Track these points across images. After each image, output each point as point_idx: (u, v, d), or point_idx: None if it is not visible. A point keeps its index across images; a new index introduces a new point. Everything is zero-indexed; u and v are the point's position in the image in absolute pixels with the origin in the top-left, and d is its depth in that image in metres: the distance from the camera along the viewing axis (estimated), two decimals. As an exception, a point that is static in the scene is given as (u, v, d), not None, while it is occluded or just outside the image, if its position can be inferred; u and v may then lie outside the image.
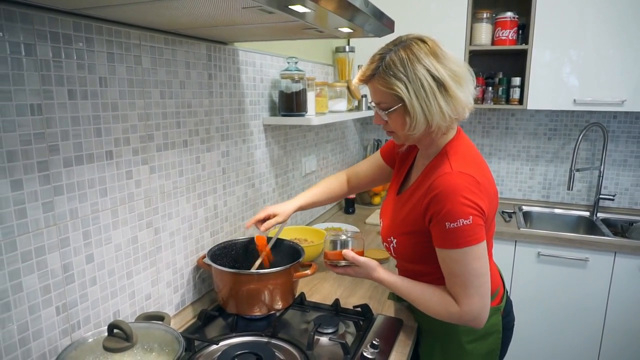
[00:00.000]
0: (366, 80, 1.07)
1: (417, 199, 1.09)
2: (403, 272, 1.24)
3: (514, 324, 1.29)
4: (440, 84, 0.99)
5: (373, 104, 1.10)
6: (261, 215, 1.32)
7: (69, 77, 0.90)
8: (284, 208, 1.35)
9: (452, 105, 1.01)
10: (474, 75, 1.08)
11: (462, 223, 0.98)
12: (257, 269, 1.30)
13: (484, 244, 1.02)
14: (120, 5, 0.82)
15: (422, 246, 1.09)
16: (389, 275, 1.16)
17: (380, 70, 1.02)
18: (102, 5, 0.83)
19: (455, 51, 2.35)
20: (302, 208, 1.41)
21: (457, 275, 1.03)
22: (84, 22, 0.92)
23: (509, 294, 1.30)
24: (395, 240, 1.17)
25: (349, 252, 1.17)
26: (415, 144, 1.18)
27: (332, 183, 1.49)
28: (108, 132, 1.00)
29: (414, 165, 1.24)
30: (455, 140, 1.11)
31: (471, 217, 0.98)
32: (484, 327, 1.13)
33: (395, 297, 1.41)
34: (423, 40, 1.02)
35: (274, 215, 1.33)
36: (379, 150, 1.44)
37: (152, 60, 1.11)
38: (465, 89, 1.03)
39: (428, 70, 0.99)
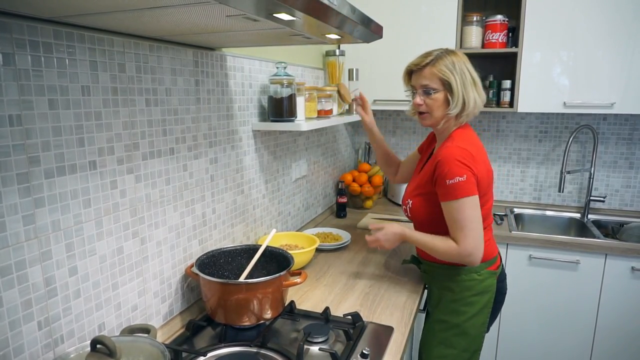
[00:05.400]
0: (423, 66, 1.37)
1: (428, 167, 1.41)
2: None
3: (506, 291, 1.56)
4: (475, 81, 1.38)
5: (414, 89, 1.42)
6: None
7: (49, 86, 0.88)
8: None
9: (480, 97, 1.38)
10: None
11: (458, 180, 1.28)
12: (245, 277, 1.28)
13: (476, 197, 1.31)
14: (101, 14, 0.80)
15: (431, 206, 1.39)
16: (409, 229, 1.46)
17: (435, 61, 1.36)
18: (83, 14, 0.81)
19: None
20: (373, 127, 1.77)
21: (456, 221, 1.31)
22: (65, 30, 0.90)
23: (504, 267, 1.58)
24: (411, 201, 1.47)
25: (375, 225, 1.50)
26: (437, 127, 1.47)
27: (393, 155, 1.83)
28: (91, 142, 0.98)
29: (433, 151, 1.54)
30: (462, 128, 1.43)
31: (465, 175, 1.28)
32: (482, 286, 1.42)
33: (412, 261, 1.66)
34: (462, 53, 1.41)
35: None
36: (417, 148, 1.75)
37: (136, 67, 1.10)
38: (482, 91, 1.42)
39: (468, 69, 1.37)
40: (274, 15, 0.82)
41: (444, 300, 1.47)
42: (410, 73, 1.43)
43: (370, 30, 1.13)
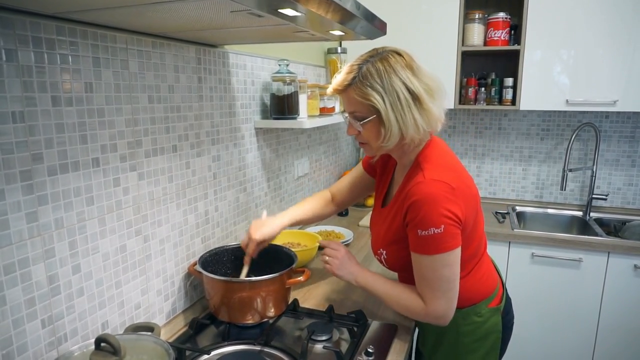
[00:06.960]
0: (342, 89, 1.07)
1: (397, 208, 1.12)
2: (401, 279, 1.26)
3: (513, 322, 1.31)
4: (415, 97, 1.02)
5: (347, 114, 1.10)
6: (249, 247, 1.28)
7: (52, 83, 0.87)
8: (271, 232, 1.29)
9: (425, 118, 1.03)
10: (446, 91, 1.09)
11: (434, 232, 1.01)
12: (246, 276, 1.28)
13: (456, 251, 1.05)
14: (105, 9, 0.80)
15: (410, 252, 1.10)
16: (365, 273, 1.22)
17: (357, 81, 1.03)
18: (86, 9, 0.80)
19: (447, 52, 2.36)
20: (288, 226, 1.36)
21: (426, 279, 1.07)
22: (67, 26, 0.90)
23: (507, 292, 1.31)
24: (384, 251, 1.20)
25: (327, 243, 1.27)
26: (388, 155, 1.21)
27: (317, 203, 1.45)
28: (94, 139, 0.98)
29: (394, 177, 1.25)
30: (427, 148, 1.12)
31: (443, 226, 1.00)
32: (485, 328, 1.20)
33: None
34: (399, 54, 1.05)
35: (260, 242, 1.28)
36: (360, 163, 1.43)
37: (139, 64, 1.09)
38: (438, 103, 1.05)
39: (404, 83, 1.01)
40: (278, 10, 0.81)
41: (442, 345, 1.25)
42: None
43: (374, 26, 1.12)
